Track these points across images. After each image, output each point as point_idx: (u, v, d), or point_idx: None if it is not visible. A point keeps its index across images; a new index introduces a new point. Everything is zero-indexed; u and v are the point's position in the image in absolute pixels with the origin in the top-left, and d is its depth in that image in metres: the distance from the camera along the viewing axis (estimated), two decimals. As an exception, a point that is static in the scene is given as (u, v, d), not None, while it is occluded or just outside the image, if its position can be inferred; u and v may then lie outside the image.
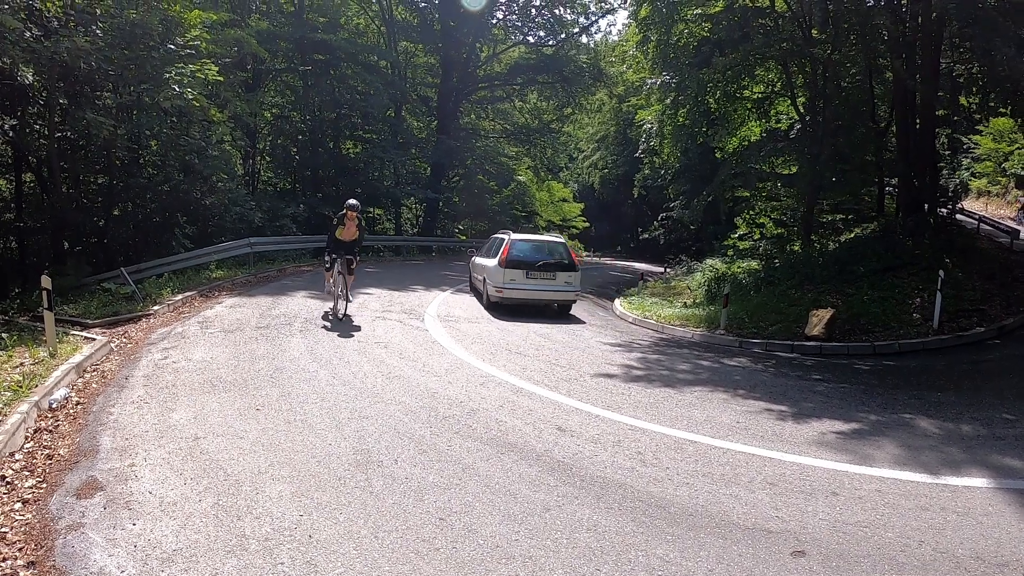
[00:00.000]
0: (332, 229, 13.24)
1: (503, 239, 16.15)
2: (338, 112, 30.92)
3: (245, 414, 6.95)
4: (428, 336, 11.83)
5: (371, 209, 34.34)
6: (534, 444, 6.51)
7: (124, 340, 10.78)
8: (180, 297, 14.38)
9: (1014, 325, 14.40)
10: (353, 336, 11.24)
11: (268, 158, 31.95)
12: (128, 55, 16.14)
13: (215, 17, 20.21)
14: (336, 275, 13.01)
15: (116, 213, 18.95)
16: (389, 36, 36.20)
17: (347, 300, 13.26)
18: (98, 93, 17.18)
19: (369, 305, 14.81)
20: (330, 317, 12.80)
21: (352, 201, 13.42)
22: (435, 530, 4.65)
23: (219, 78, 18.26)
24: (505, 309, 15.55)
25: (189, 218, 20.12)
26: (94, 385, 8.13)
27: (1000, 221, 31.22)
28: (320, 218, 27.54)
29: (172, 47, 16.95)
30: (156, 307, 13.21)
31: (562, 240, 17.74)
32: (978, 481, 6.09)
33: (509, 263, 15.11)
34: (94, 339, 10.34)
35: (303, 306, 13.94)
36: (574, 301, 16.22)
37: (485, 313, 15.13)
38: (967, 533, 5.01)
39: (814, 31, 19.43)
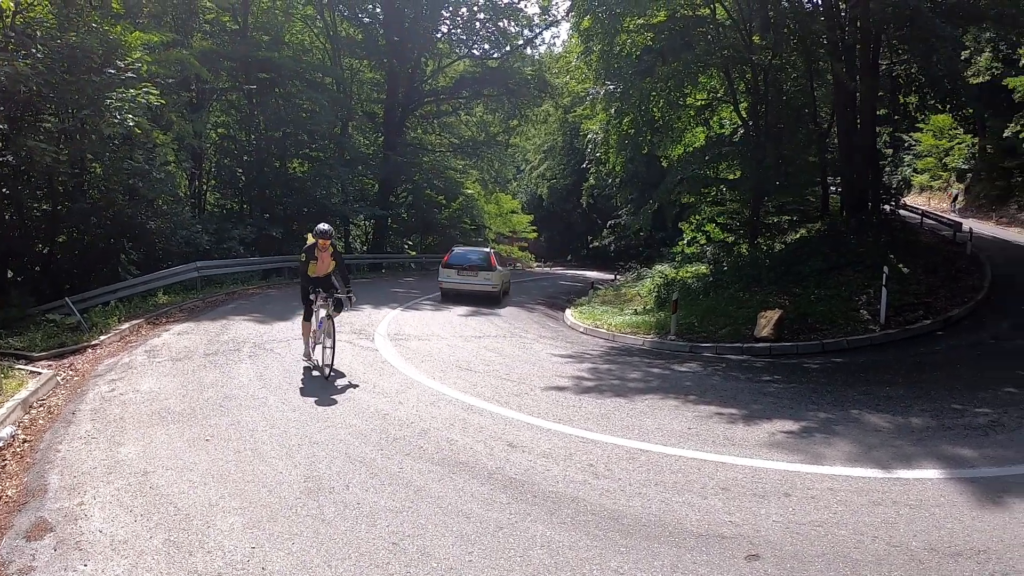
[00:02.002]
0: (303, 267, 10.37)
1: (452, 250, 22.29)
2: (284, 131, 30.40)
3: (194, 445, 6.74)
4: (378, 356, 11.61)
5: (320, 228, 33.95)
6: (485, 462, 6.41)
7: (71, 373, 10.44)
8: (127, 325, 13.96)
9: (959, 316, 14.71)
10: (303, 360, 11.02)
11: (214, 179, 31.44)
12: (69, 79, 15.75)
13: (156, 38, 19.84)
14: (321, 321, 9.98)
15: (61, 240, 18.45)
16: (334, 52, 35.84)
17: (332, 349, 9.88)
18: (41, 117, 16.76)
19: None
20: (312, 373, 10.05)
21: (322, 227, 10.23)
22: (389, 555, 4.57)
23: (161, 102, 17.86)
24: (456, 325, 16.05)
25: (135, 243, 19.66)
26: (41, 421, 7.83)
27: (942, 215, 31.95)
28: (268, 239, 27.15)
29: (112, 71, 16.55)
30: (103, 337, 12.80)
31: (486, 250, 23.60)
32: (929, 473, 6.15)
33: (447, 265, 21.23)
34: (40, 373, 10.00)
35: (252, 331, 13.61)
36: (491, 291, 21.04)
37: (435, 330, 15.00)
38: (920, 525, 5.04)
39: (755, 38, 19.74)
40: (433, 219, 40.50)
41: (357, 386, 9.35)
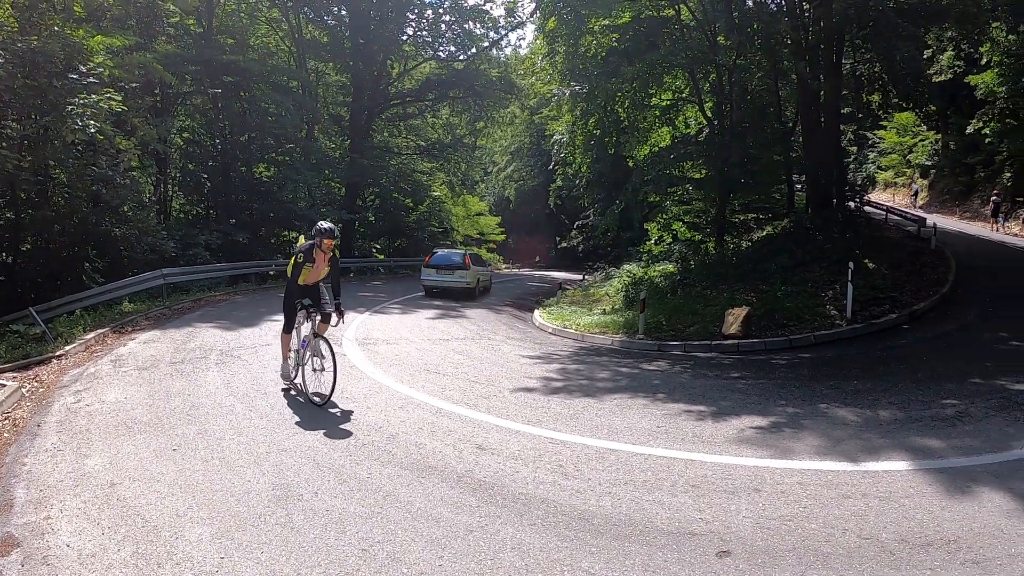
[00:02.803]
0: (294, 271, 9.04)
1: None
2: (249, 135, 30.16)
3: (161, 455, 6.62)
4: (346, 361, 11.45)
5: (287, 232, 33.76)
6: (455, 465, 6.35)
7: (35, 384, 10.20)
8: (92, 335, 13.69)
9: (925, 309, 14.91)
10: (270, 367, 10.78)
11: (179, 185, 31.04)
12: (30, 84, 15.44)
13: (119, 42, 19.44)
14: (305, 340, 8.96)
15: (25, 248, 18.11)
16: (299, 55, 35.58)
17: (333, 373, 8.44)
18: (3, 123, 16.42)
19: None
20: (293, 396, 9.02)
21: (326, 225, 8.96)
22: (358, 561, 4.52)
23: (123, 108, 17.59)
24: (424, 328, 16.02)
25: (99, 251, 19.31)
26: (6, 435, 7.62)
27: (906, 210, 32.40)
28: (234, 245, 26.88)
29: (75, 76, 16.23)
30: (68, 347, 12.52)
31: (461, 252, 27.38)
32: (898, 464, 6.19)
33: (428, 265, 24.67)
34: (4, 385, 9.73)
35: (219, 338, 13.41)
36: (466, 286, 24.03)
37: (404, 334, 14.90)
38: (890, 517, 5.07)
39: (720, 38, 19.79)
40: (400, 222, 40.37)
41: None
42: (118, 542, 4.84)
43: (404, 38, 39.83)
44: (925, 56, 26.82)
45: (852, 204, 22.56)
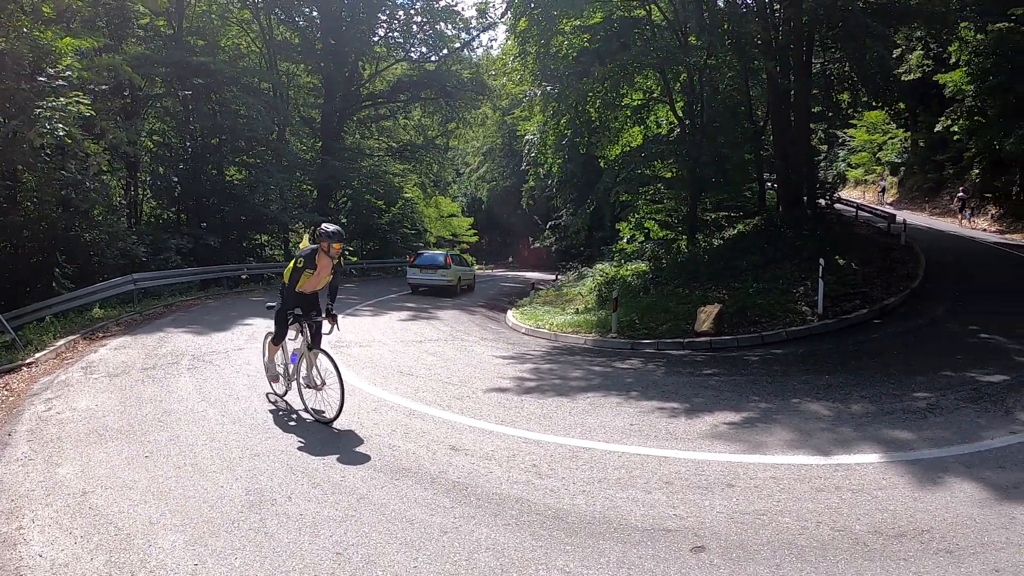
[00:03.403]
0: (292, 277, 8.13)
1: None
2: (220, 137, 29.89)
3: (134, 463, 6.53)
4: (319, 364, 11.45)
5: (258, 236, 33.51)
6: (428, 467, 6.34)
7: (5, 393, 10.03)
8: (63, 342, 13.47)
9: (895, 304, 15.04)
10: (242, 371, 10.70)
11: (150, 188, 30.70)
12: (-2, 87, 15.25)
13: (87, 44, 19.19)
14: (295, 354, 8.42)
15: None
16: (270, 57, 35.29)
17: (340, 389, 7.65)
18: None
19: (257, 336, 14.13)
20: (279, 407, 8.59)
21: (332, 228, 8.04)
22: (333, 565, 4.50)
23: (91, 112, 17.35)
24: (397, 330, 15.97)
25: (69, 256, 19.08)
26: (-23, 446, 7.52)
27: (876, 207, 32.78)
28: (206, 249, 26.64)
29: (43, 79, 16.00)
30: (38, 354, 12.30)
31: (443, 252, 29.34)
32: (870, 457, 6.26)
33: (414, 265, 27.00)
34: (-26, 394, 9.62)
35: (191, 343, 13.26)
36: (447, 284, 26.02)
37: (376, 336, 14.82)
38: (863, 509, 5.13)
39: (691, 38, 19.87)
40: (373, 224, 40.19)
41: (297, 394, 9.10)
42: (91, 551, 4.80)
43: (375, 39, 39.72)
44: (894, 55, 27.12)
45: (822, 202, 22.75)
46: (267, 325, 15.06)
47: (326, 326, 8.19)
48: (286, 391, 8.71)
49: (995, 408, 7.70)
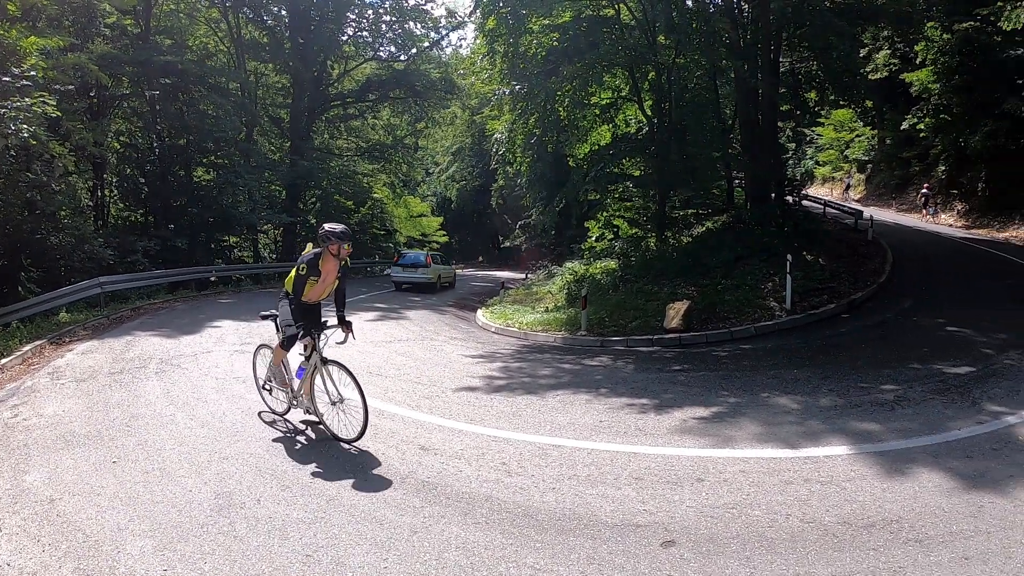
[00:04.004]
0: (296, 286, 7.37)
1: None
2: (188, 137, 29.66)
3: (101, 468, 6.43)
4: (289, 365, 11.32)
5: (227, 237, 33.24)
6: (398, 467, 6.30)
7: (-27, 400, 9.87)
8: (29, 347, 13.20)
9: (863, 298, 15.20)
10: (210, 374, 10.59)
11: (116, 190, 30.39)
12: (-38, 87, 14.95)
13: (53, 43, 18.86)
14: (302, 369, 7.58)
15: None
16: (238, 56, 35.02)
17: (364, 408, 6.85)
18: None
19: (226, 339, 14.09)
20: (287, 423, 7.90)
21: (339, 228, 7.41)
22: (303, 568, 4.47)
23: (57, 113, 17.06)
24: (367, 330, 15.62)
25: (35, 260, 18.83)
26: (-56, 453, 7.35)
27: (843, 204, 33.25)
28: (173, 251, 26.40)
29: (8, 78, 15.68)
30: (4, 360, 12.04)
31: (424, 252, 31.87)
32: (839, 449, 6.31)
33: (396, 264, 29.19)
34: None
35: (159, 347, 13.08)
36: (428, 281, 27.98)
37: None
38: (832, 500, 5.18)
39: (660, 38, 19.94)
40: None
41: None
42: (59, 559, 4.72)
43: (344, 38, 39.55)
44: (861, 54, 27.55)
45: (790, 199, 22.91)
46: (235, 327, 15.18)
47: (339, 335, 7.44)
48: (287, 409, 7.89)
49: (962, 399, 7.79)
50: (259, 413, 8.19)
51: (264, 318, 8.29)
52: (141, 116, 30.01)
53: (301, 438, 7.24)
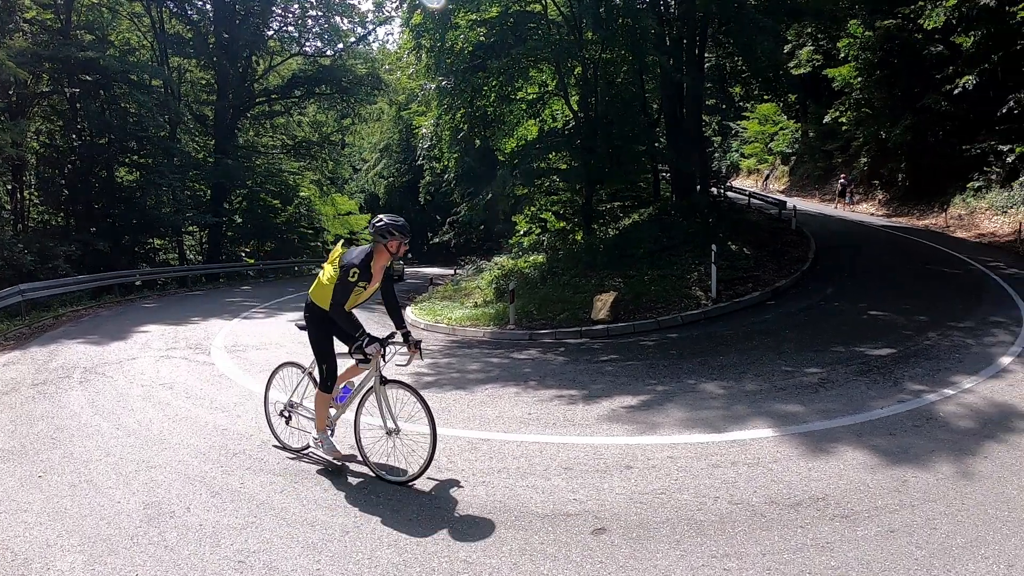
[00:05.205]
0: (339, 294, 5.83)
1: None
2: (109, 136, 29.03)
3: (27, 484, 6.16)
4: (215, 370, 11.03)
5: (151, 239, 32.51)
6: (328, 468, 6.20)
7: None
8: (-53, 362, 12.72)
9: (787, 285, 15.58)
10: (136, 381, 10.25)
11: (36, 192, 29.48)
12: None
13: (-34, 39, 18.26)
14: (364, 383, 6.37)
15: None
16: (162, 52, 34.27)
17: (432, 434, 5.67)
18: None
19: (152, 344, 13.70)
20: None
21: (399, 220, 6.13)
22: (235, 574, 4.39)
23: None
24: (294, 332, 14.84)
25: (-52, 269, 18.10)
26: None
27: (768, 195, 33.97)
28: (96, 255, 25.70)
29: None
30: (-78, 376, 11.58)
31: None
32: (764, 432, 6.41)
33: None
34: None
35: (83, 355, 12.64)
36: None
37: (274, 339, 14.39)
38: (759, 482, 5.27)
39: (587, 33, 20.03)
40: (269, 224, 39.60)
41: (192, 402, 8.83)
42: None
43: (270, 33, 39.22)
44: (785, 51, 28.19)
45: (715, 190, 23.32)
46: (161, 331, 14.97)
47: (401, 358, 6.15)
48: (306, 446, 6.51)
49: (884, 379, 8.02)
50: (273, 446, 6.90)
51: (302, 328, 6.81)
52: (61, 115, 29.42)
53: (229, 444, 7.04)
